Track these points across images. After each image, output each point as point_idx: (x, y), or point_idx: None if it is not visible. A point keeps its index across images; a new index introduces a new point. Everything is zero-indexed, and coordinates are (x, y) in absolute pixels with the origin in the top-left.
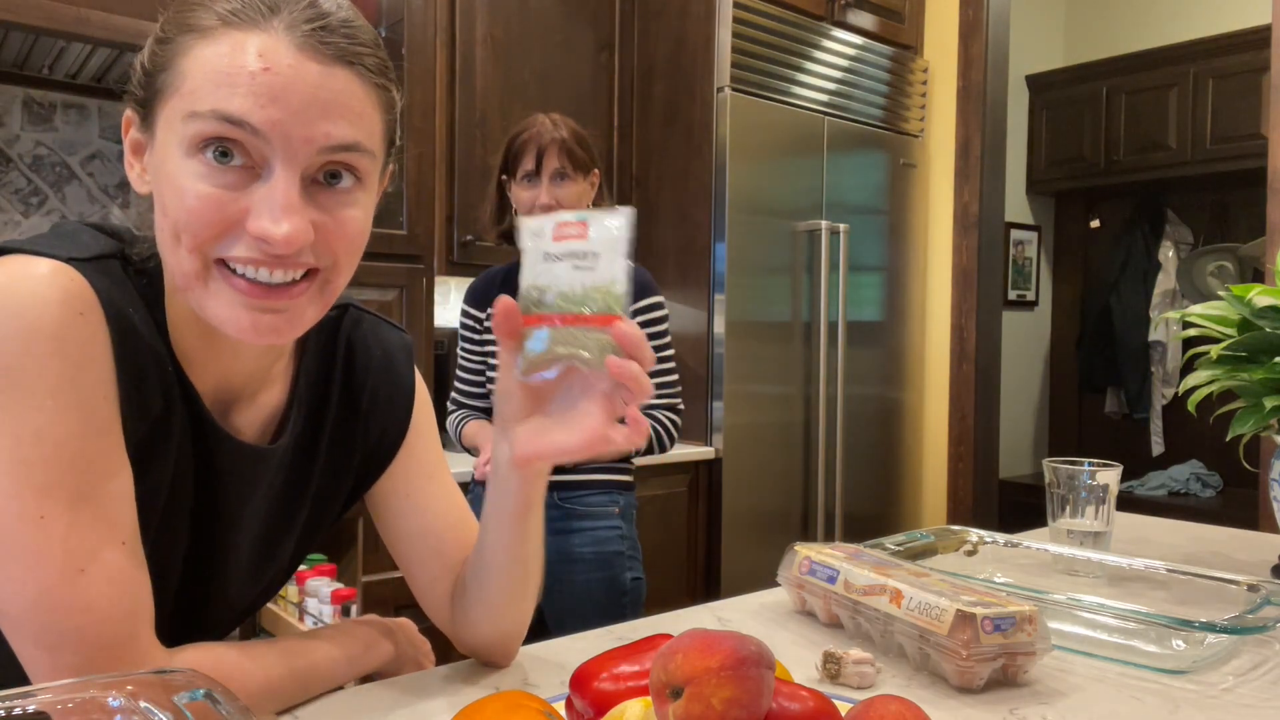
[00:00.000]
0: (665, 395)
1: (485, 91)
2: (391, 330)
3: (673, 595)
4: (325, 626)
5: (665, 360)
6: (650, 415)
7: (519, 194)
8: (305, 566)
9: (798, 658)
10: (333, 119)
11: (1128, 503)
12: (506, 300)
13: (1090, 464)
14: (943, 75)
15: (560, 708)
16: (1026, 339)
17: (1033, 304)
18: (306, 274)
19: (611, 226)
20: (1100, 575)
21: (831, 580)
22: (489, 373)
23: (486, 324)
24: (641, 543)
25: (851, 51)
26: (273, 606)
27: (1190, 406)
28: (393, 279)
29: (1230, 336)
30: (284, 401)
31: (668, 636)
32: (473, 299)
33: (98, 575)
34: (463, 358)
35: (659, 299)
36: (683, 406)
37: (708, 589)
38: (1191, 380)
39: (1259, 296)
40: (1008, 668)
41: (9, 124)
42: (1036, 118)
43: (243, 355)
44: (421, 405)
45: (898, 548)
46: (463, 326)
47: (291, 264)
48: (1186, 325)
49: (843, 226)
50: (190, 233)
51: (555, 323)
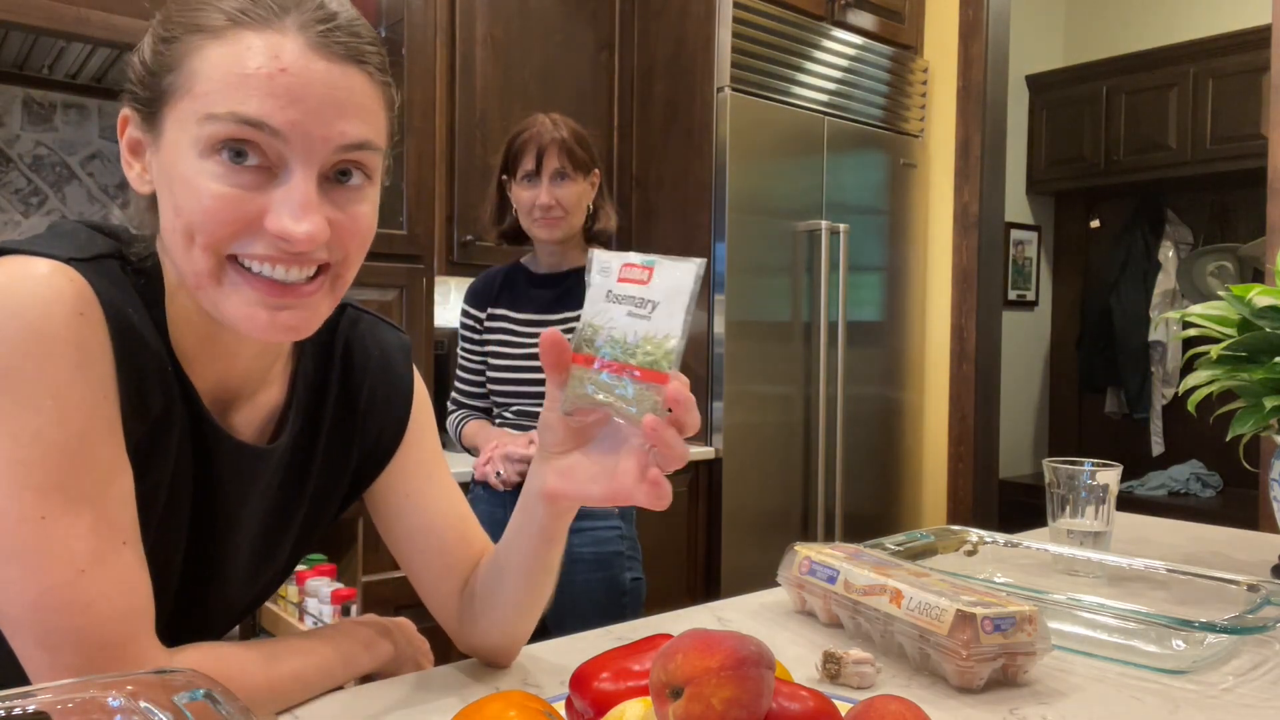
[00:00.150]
0: None
1: (485, 91)
2: (390, 330)
3: (673, 595)
4: (324, 626)
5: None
6: None
7: (519, 194)
8: (305, 566)
9: (798, 658)
10: (347, 118)
11: (1128, 503)
12: (554, 334)
13: (1090, 464)
14: (943, 75)
15: (560, 708)
16: (1026, 339)
17: (1033, 304)
18: (319, 270)
19: (677, 275)
20: (1100, 575)
21: (831, 580)
22: (489, 373)
23: (487, 324)
24: (641, 543)
25: (851, 51)
26: (273, 606)
27: (1190, 406)
28: (393, 279)
29: (1230, 336)
30: (282, 401)
31: (668, 636)
32: (473, 299)
33: (98, 576)
34: (463, 358)
35: None
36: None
37: (708, 589)
38: (1191, 380)
39: (1259, 296)
40: (1008, 668)
41: (9, 124)
42: (1036, 118)
43: (242, 354)
44: (420, 405)
45: (898, 548)
46: (463, 326)
47: (306, 261)
48: (1186, 325)
49: (843, 226)
50: (206, 232)
51: (601, 368)
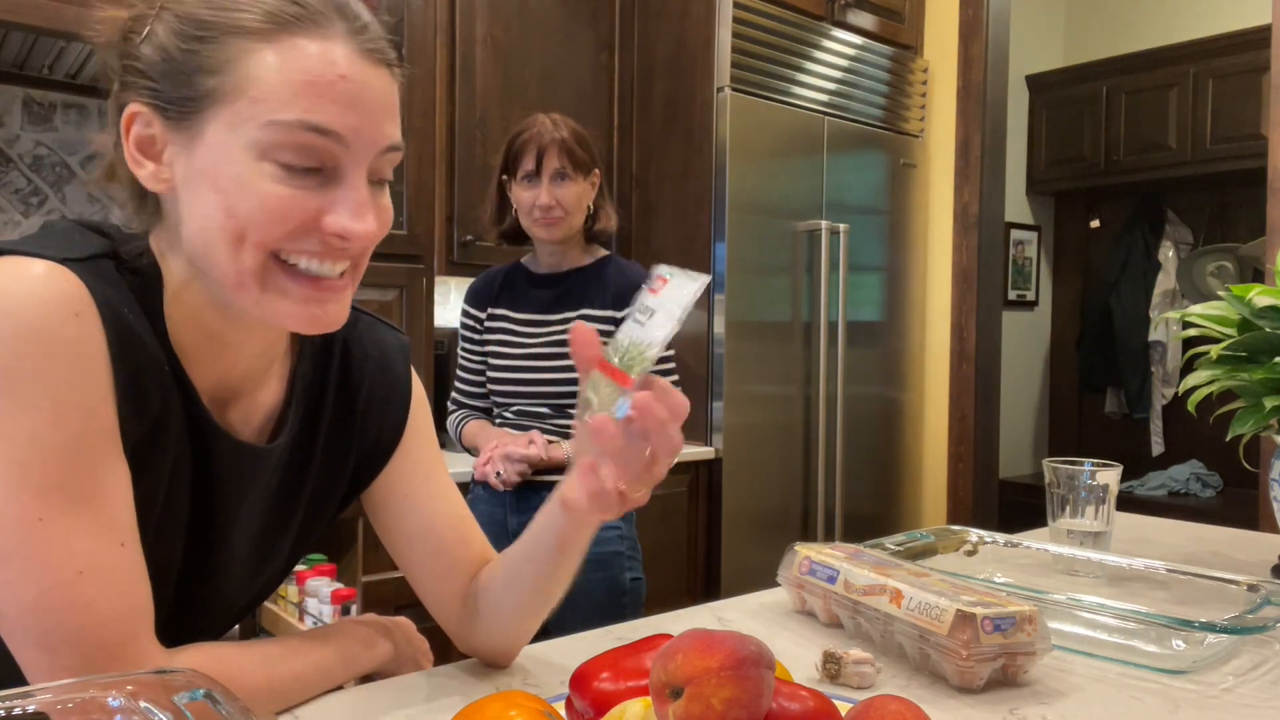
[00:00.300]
0: None
1: (485, 91)
2: (388, 330)
3: (673, 595)
4: (324, 626)
5: (665, 361)
6: None
7: (519, 194)
8: (305, 566)
9: (798, 658)
10: (390, 121)
11: (1128, 503)
12: (582, 325)
13: (1090, 464)
14: (943, 75)
15: (560, 708)
16: (1026, 339)
17: (1033, 304)
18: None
19: (679, 287)
20: (1100, 575)
21: (831, 580)
22: (489, 373)
23: (487, 324)
24: (641, 543)
25: (851, 51)
26: (273, 606)
27: (1190, 406)
28: (393, 279)
29: (1230, 336)
30: (280, 401)
31: (668, 636)
32: (473, 299)
33: (97, 576)
34: (463, 358)
35: None
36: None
37: (708, 589)
38: (1191, 380)
39: (1259, 296)
40: (1008, 668)
41: (9, 124)
42: (1036, 118)
43: (244, 353)
44: (418, 405)
45: (898, 548)
46: (463, 326)
47: (346, 256)
48: (1186, 325)
49: (843, 226)
50: (263, 232)
51: (601, 370)
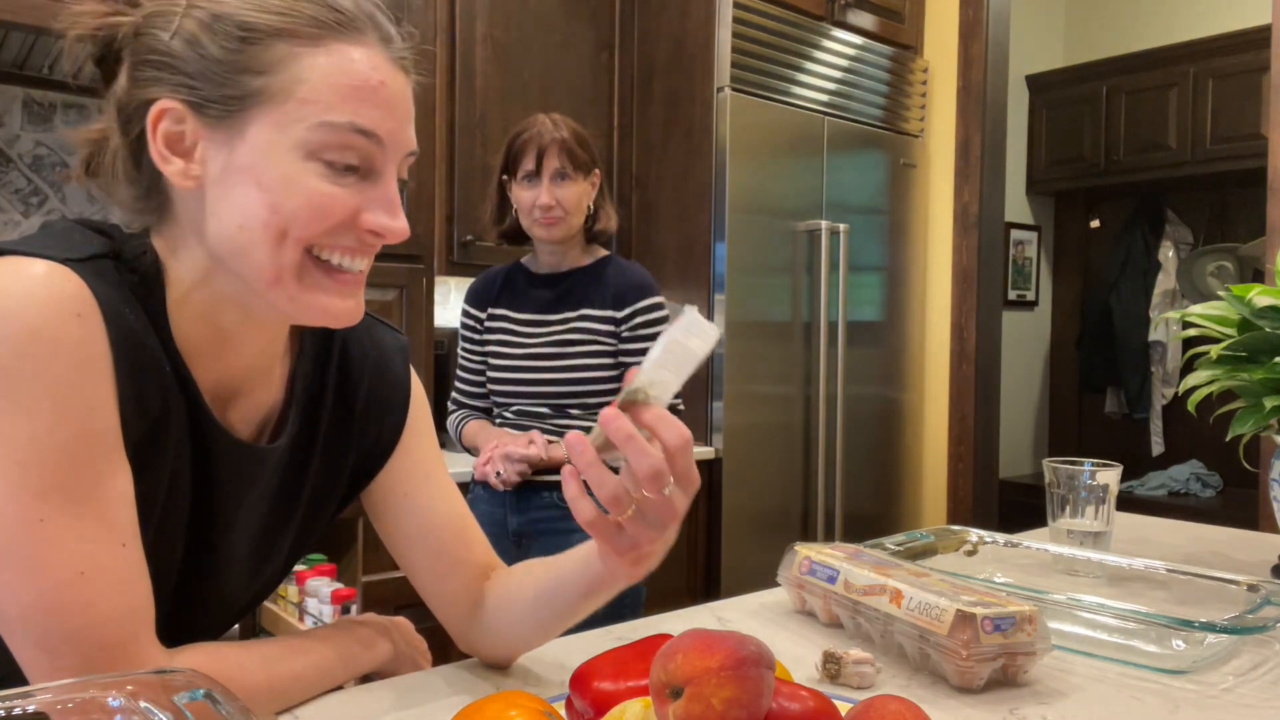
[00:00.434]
0: None
1: (485, 91)
2: (387, 331)
3: (673, 595)
4: (323, 626)
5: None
6: None
7: (519, 194)
8: (305, 566)
9: (798, 658)
10: (412, 126)
11: (1128, 503)
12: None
13: (1090, 464)
14: (943, 75)
15: (560, 708)
16: (1026, 339)
17: (1033, 304)
18: None
19: (679, 321)
20: (1100, 575)
21: (831, 580)
22: (489, 373)
23: (487, 324)
24: None
25: (851, 51)
26: (273, 606)
27: (1190, 406)
28: (393, 279)
29: (1230, 336)
30: (279, 401)
31: (668, 636)
32: (473, 299)
33: (97, 577)
34: (463, 358)
35: (659, 299)
36: (683, 408)
37: (708, 589)
38: (1191, 380)
39: (1259, 296)
40: (1008, 668)
41: (9, 124)
42: (1036, 118)
43: (248, 351)
44: (417, 405)
45: (898, 548)
46: (463, 326)
47: (372, 252)
48: (1186, 325)
49: (843, 226)
50: (307, 228)
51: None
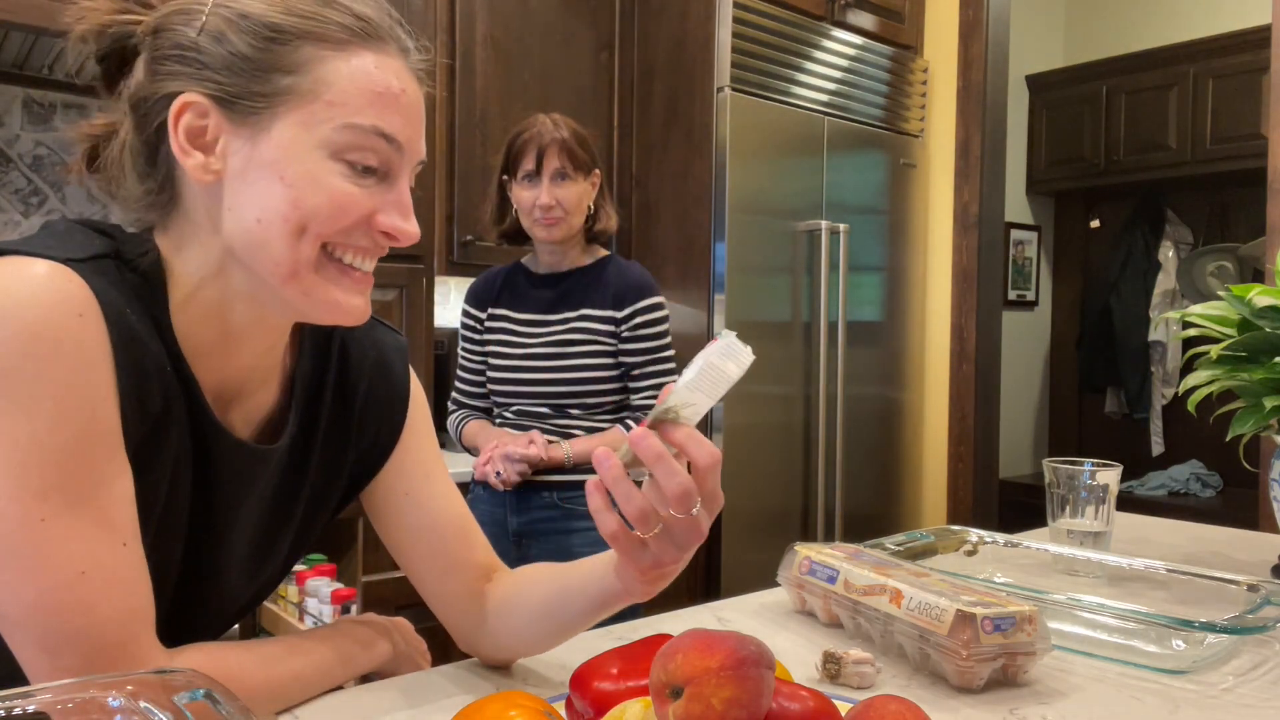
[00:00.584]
0: None
1: (485, 91)
2: (386, 331)
3: (673, 595)
4: (323, 626)
5: (665, 362)
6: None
7: (520, 194)
8: (305, 566)
9: (798, 658)
10: (424, 135)
11: (1128, 503)
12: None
13: (1090, 464)
14: (943, 75)
15: (560, 708)
16: (1026, 339)
17: (1033, 304)
18: None
19: (716, 343)
20: (1100, 575)
21: (831, 580)
22: (489, 373)
23: (487, 324)
24: None
25: (851, 51)
26: (273, 606)
27: (1190, 406)
28: (393, 279)
29: (1230, 336)
30: (279, 402)
31: (668, 636)
32: (473, 299)
33: (98, 577)
34: (463, 358)
35: (659, 299)
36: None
37: (708, 589)
38: (1191, 380)
39: (1259, 296)
40: (1008, 668)
41: (9, 124)
42: (1036, 118)
43: (253, 349)
44: (417, 406)
45: (898, 548)
46: (463, 326)
47: (381, 253)
48: (1186, 325)
49: (843, 226)
50: (326, 225)
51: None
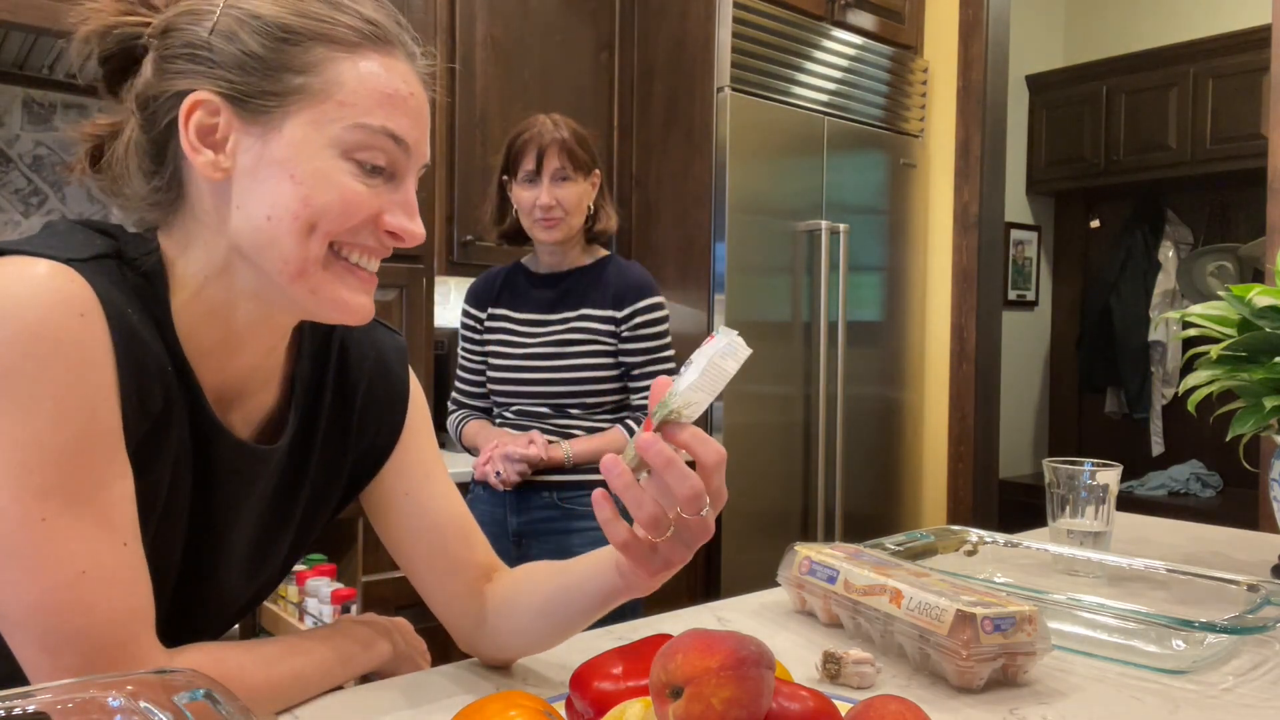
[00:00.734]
0: None
1: (485, 91)
2: (385, 332)
3: (673, 595)
4: (323, 626)
5: (665, 361)
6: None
7: (520, 194)
8: (305, 566)
9: (798, 658)
10: (429, 139)
11: (1128, 503)
12: (660, 380)
13: (1090, 464)
14: (943, 75)
15: (560, 708)
16: (1026, 339)
17: (1033, 304)
18: None
19: (718, 343)
20: (1100, 575)
21: (831, 580)
22: (489, 373)
23: (487, 324)
24: None
25: (851, 51)
26: (273, 606)
27: (1190, 406)
28: (393, 279)
29: (1230, 336)
30: (279, 402)
31: (668, 636)
32: (473, 299)
33: (99, 577)
34: (463, 358)
35: (659, 299)
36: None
37: (708, 589)
38: (1191, 380)
39: (1259, 296)
40: (1008, 668)
41: (9, 124)
42: (1036, 118)
43: (256, 349)
44: (416, 406)
45: (898, 548)
46: (463, 326)
47: (386, 254)
48: (1186, 325)
49: (843, 226)
50: (335, 223)
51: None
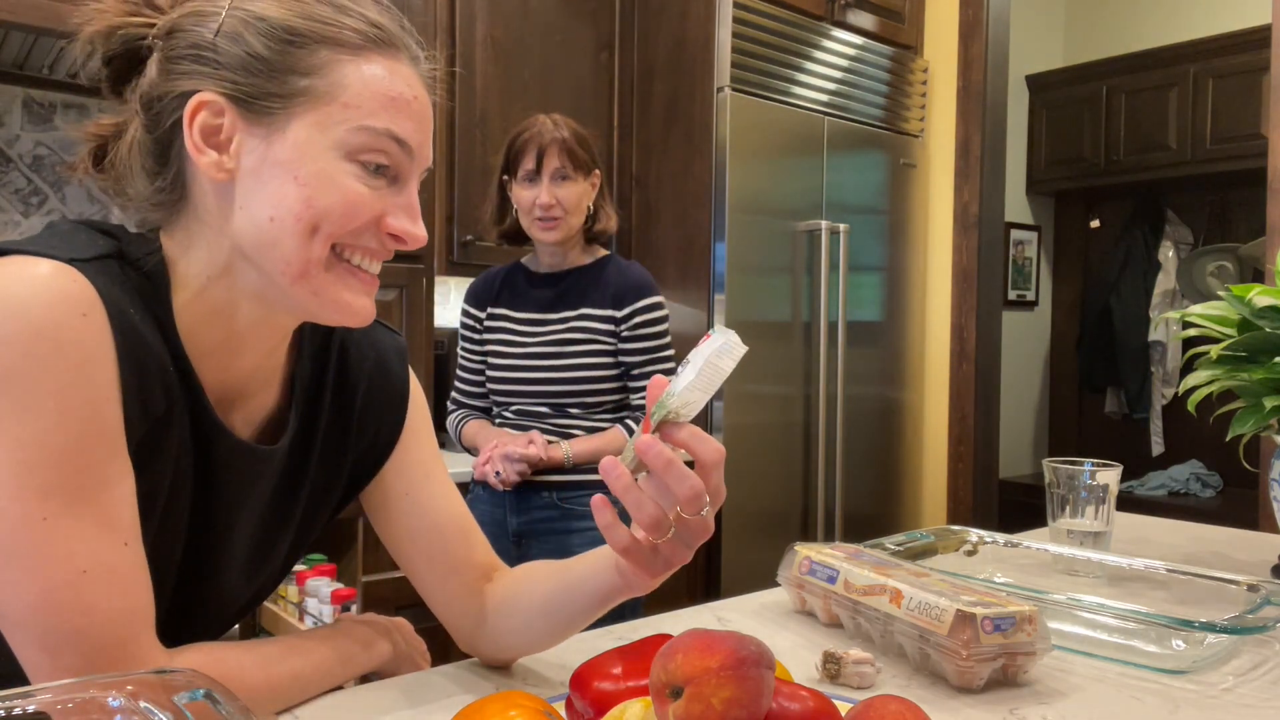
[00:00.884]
0: None
1: (485, 91)
2: (385, 333)
3: (673, 595)
4: (323, 626)
5: (665, 361)
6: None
7: (520, 194)
8: (305, 566)
9: (798, 658)
10: (431, 141)
11: (1128, 503)
12: (657, 379)
13: (1090, 464)
14: (943, 75)
15: (560, 708)
16: (1026, 339)
17: (1033, 304)
18: None
19: (715, 342)
20: (1100, 575)
21: (831, 580)
22: (489, 373)
23: (487, 324)
24: None
25: (851, 51)
26: (273, 606)
27: (1190, 406)
28: (393, 279)
29: (1230, 336)
30: (279, 403)
31: (668, 636)
32: (473, 299)
33: (100, 576)
34: (463, 358)
35: (659, 299)
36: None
37: (708, 589)
38: (1191, 380)
39: (1259, 296)
40: (1008, 668)
41: (9, 124)
42: (1036, 118)
43: (257, 349)
44: (416, 406)
45: (898, 548)
46: (463, 326)
47: (388, 256)
48: (1186, 325)
49: (843, 226)
50: (337, 225)
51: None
